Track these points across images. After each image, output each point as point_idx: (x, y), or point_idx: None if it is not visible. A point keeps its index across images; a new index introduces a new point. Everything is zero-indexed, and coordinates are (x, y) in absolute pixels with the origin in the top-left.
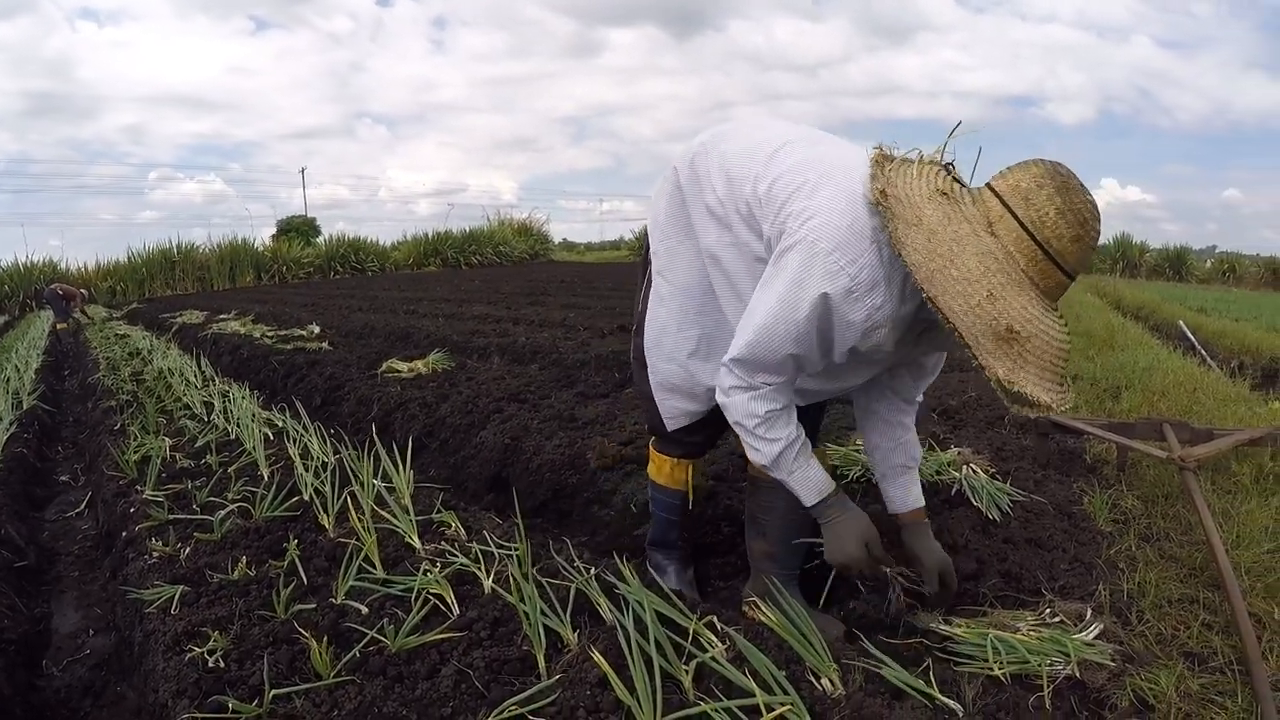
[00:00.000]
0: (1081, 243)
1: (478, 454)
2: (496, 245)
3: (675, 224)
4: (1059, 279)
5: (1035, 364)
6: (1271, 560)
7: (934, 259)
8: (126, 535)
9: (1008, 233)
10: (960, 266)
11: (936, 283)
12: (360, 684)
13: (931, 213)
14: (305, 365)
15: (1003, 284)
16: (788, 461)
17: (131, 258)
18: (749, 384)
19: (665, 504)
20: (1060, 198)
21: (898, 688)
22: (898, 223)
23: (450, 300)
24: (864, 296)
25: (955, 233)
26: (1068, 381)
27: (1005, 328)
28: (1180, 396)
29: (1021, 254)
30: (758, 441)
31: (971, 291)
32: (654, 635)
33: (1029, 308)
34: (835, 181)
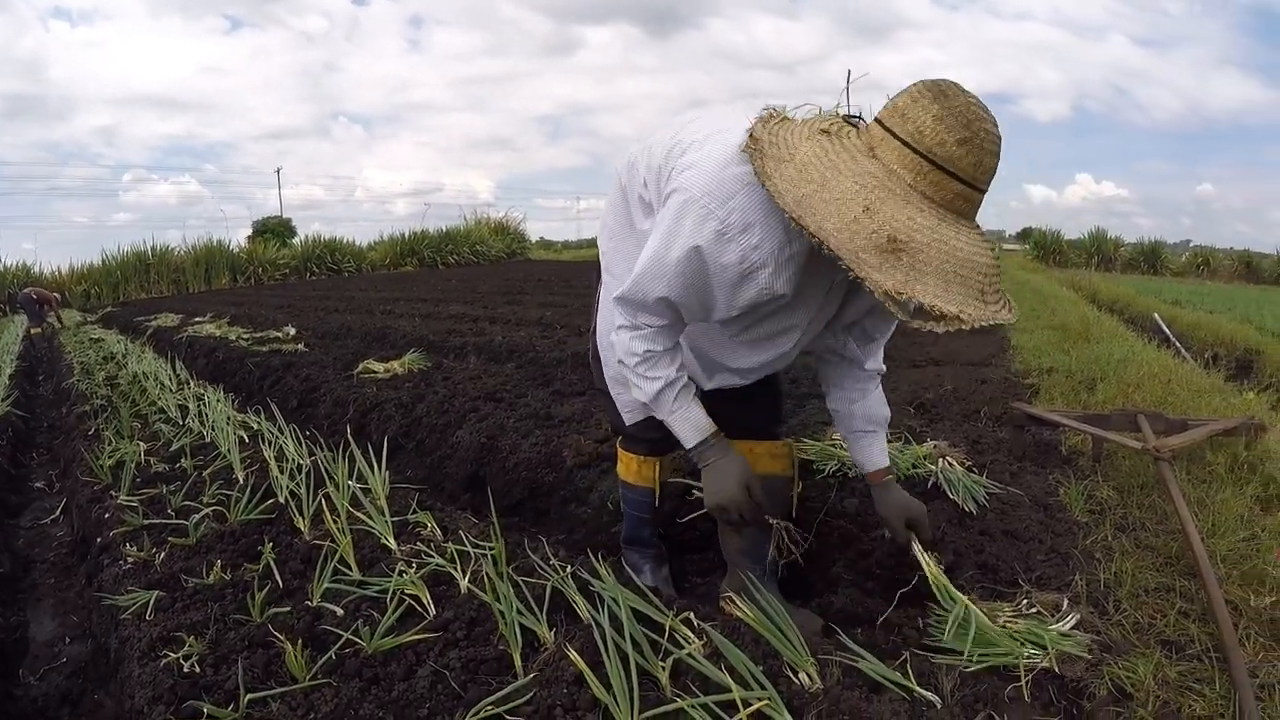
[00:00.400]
0: (970, 145)
1: (454, 454)
2: (473, 245)
3: (618, 223)
4: (957, 188)
5: (936, 274)
6: (1247, 548)
7: (804, 185)
8: (101, 541)
9: (889, 153)
10: (833, 189)
11: (805, 205)
12: (337, 686)
13: (807, 149)
14: (281, 367)
15: (882, 199)
16: (668, 401)
17: (106, 261)
18: (632, 323)
19: (635, 501)
20: (937, 105)
21: (876, 681)
22: (766, 160)
23: (427, 300)
24: (736, 238)
25: (831, 161)
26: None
27: (887, 239)
28: (1155, 388)
29: (906, 170)
30: (638, 379)
31: (845, 210)
32: (630, 632)
33: (917, 218)
34: (719, 138)
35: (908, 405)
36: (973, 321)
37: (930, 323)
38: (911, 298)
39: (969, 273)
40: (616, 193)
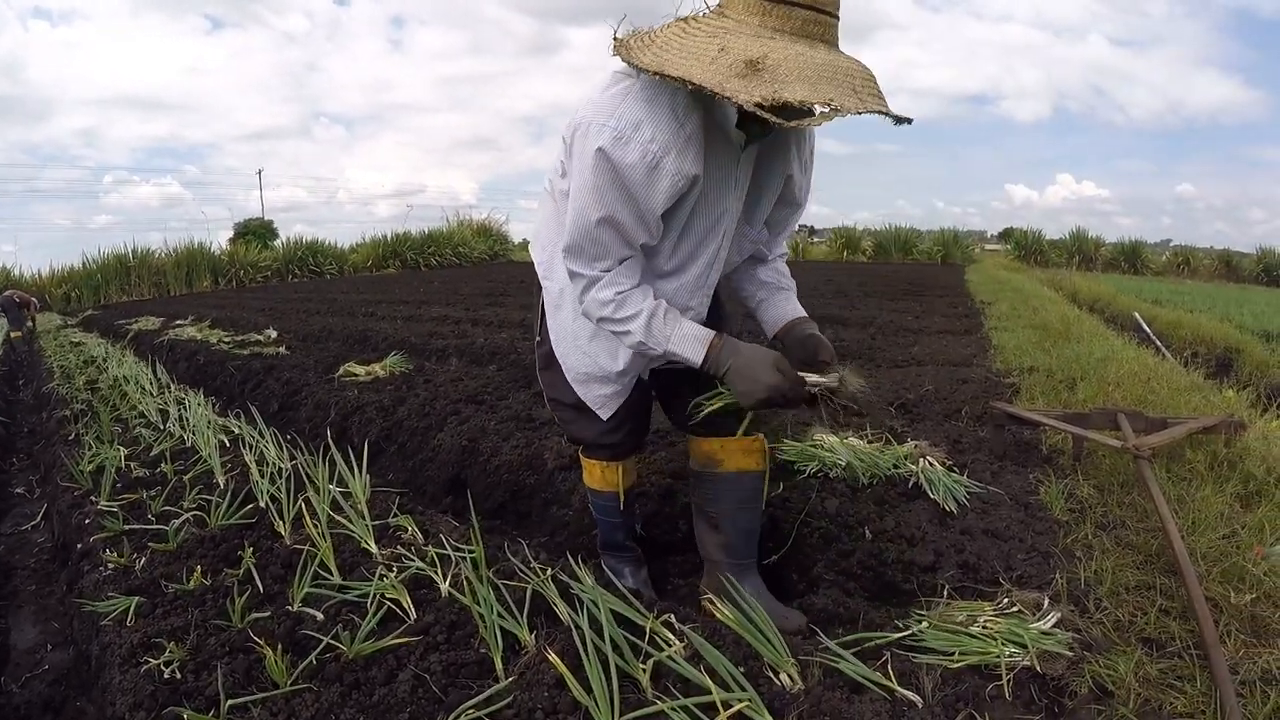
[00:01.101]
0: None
1: (435, 457)
2: (456, 246)
3: (551, 226)
4: (803, 15)
5: (800, 80)
6: (1226, 545)
7: (664, 51)
8: (82, 547)
9: (734, 8)
10: (687, 45)
11: (668, 63)
12: (317, 691)
13: (666, 33)
14: (262, 370)
15: (734, 40)
16: (659, 329)
17: (86, 263)
18: (590, 277)
19: (603, 507)
20: None
21: (857, 681)
22: (630, 50)
23: (409, 302)
24: (632, 136)
25: (687, 30)
26: (880, 98)
27: (744, 63)
28: (1135, 386)
29: (751, 14)
30: (622, 325)
31: (702, 55)
32: (610, 635)
33: (770, 44)
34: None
35: (889, 405)
36: (846, 110)
37: (806, 120)
38: (780, 98)
39: (836, 74)
40: (547, 200)
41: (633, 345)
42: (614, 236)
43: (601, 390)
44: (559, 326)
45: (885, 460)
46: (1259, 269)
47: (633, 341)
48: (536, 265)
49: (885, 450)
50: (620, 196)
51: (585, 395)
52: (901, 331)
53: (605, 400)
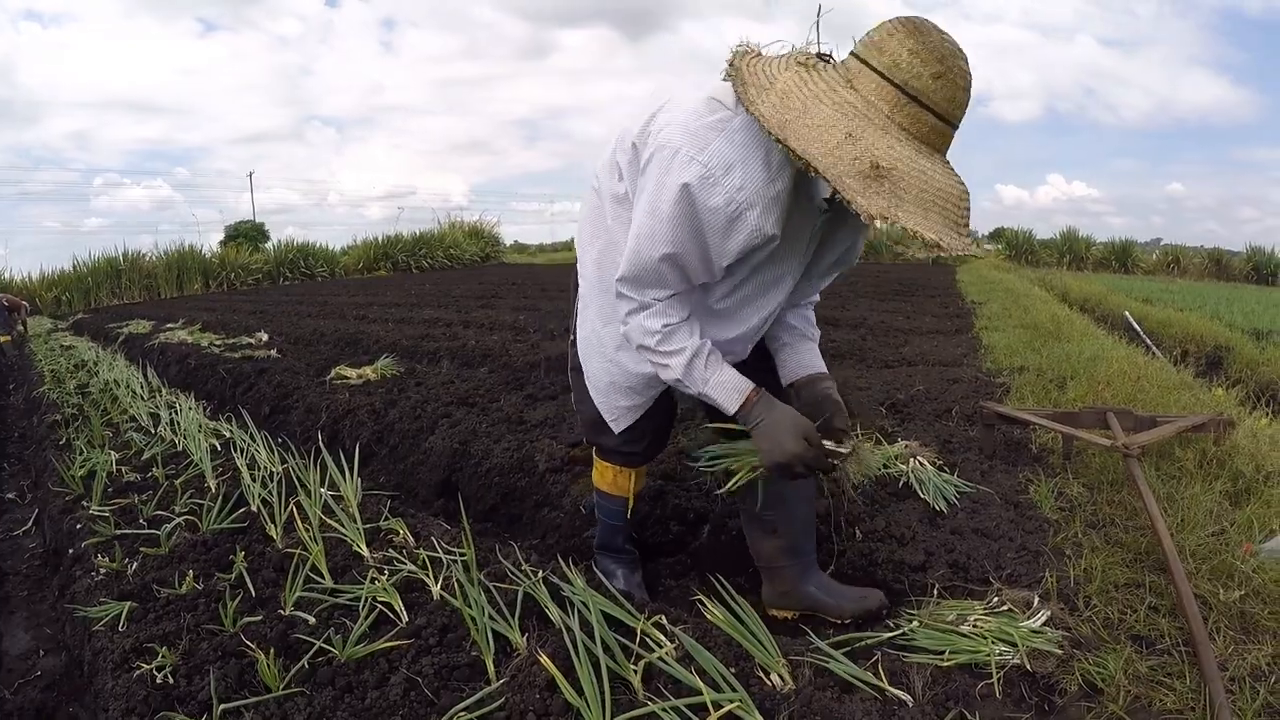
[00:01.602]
0: (944, 80)
1: (426, 459)
2: (447, 248)
3: (595, 225)
4: (931, 123)
5: (915, 201)
6: (1215, 543)
7: (786, 111)
8: (73, 552)
9: (866, 84)
10: (815, 116)
11: (790, 129)
12: (310, 695)
13: (786, 78)
14: (253, 374)
15: (863, 127)
16: (699, 370)
17: (77, 266)
18: (640, 302)
19: (609, 510)
20: (913, 40)
21: (847, 681)
22: (748, 88)
23: (400, 305)
24: (720, 180)
25: (811, 90)
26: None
27: (870, 165)
28: (1125, 385)
29: (883, 101)
30: (663, 358)
31: (828, 135)
32: (601, 636)
33: (896, 148)
34: (686, 96)
35: (880, 405)
36: (950, 250)
37: (912, 248)
38: (896, 221)
39: (945, 203)
40: (591, 197)
41: (668, 379)
42: (675, 272)
43: (621, 401)
44: (588, 331)
45: (875, 460)
46: (1249, 267)
47: (669, 376)
48: (579, 262)
49: (876, 450)
50: (692, 237)
51: (602, 405)
52: (892, 332)
53: (622, 412)
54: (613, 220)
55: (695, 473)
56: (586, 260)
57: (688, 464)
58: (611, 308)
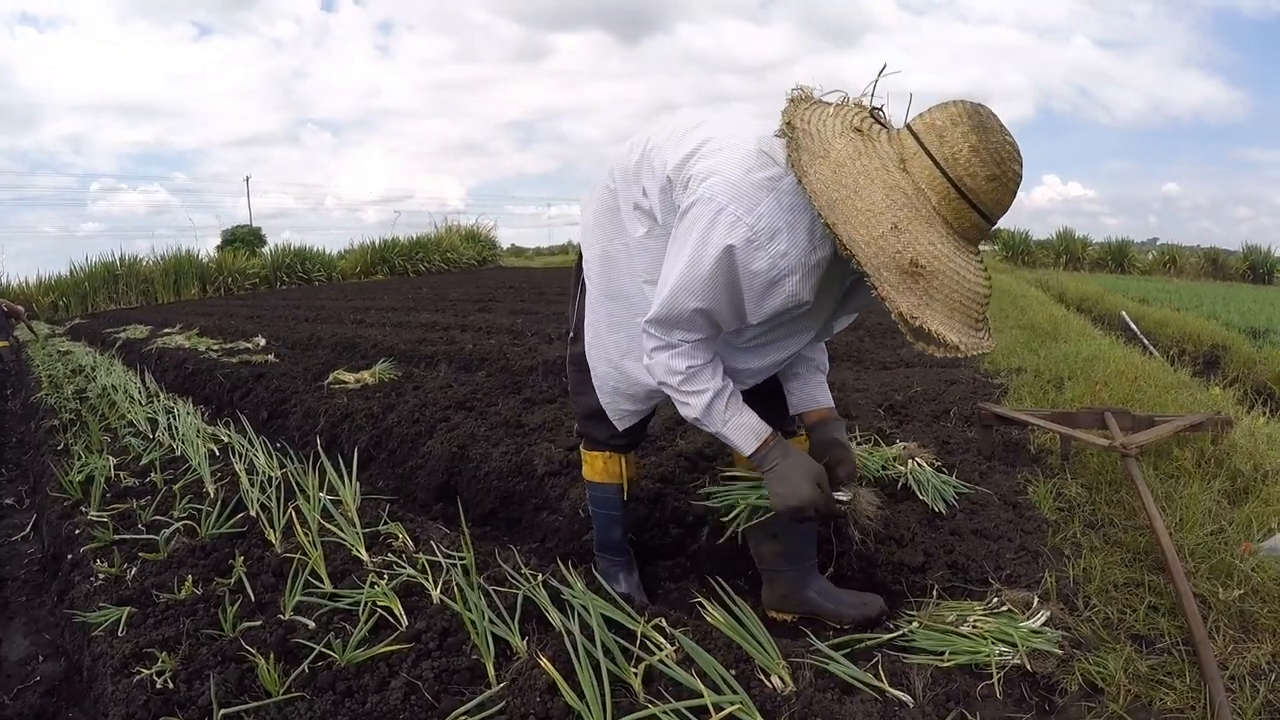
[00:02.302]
0: (998, 183)
1: (425, 463)
2: (444, 252)
3: (604, 228)
4: (974, 220)
5: (944, 302)
6: (1214, 542)
7: (837, 189)
8: (72, 558)
9: (920, 170)
10: (865, 198)
11: (838, 211)
12: (310, 700)
13: (842, 147)
14: (251, 378)
15: (910, 218)
16: (719, 411)
17: (74, 271)
18: (667, 342)
19: (603, 500)
20: (975, 135)
21: (848, 682)
22: (802, 153)
23: (398, 309)
24: (765, 245)
25: (864, 166)
26: (986, 326)
27: (910, 261)
28: (1122, 385)
29: (934, 191)
30: (684, 397)
31: (875, 223)
32: (601, 639)
33: (937, 244)
34: (734, 143)
35: (877, 407)
36: (966, 352)
37: (933, 347)
38: (922, 323)
39: (970, 303)
40: (604, 198)
41: (685, 416)
42: (705, 321)
43: (626, 405)
44: (594, 335)
45: (874, 461)
46: (1245, 266)
47: (688, 414)
48: (584, 263)
49: (874, 451)
50: (728, 294)
51: (607, 405)
52: (890, 333)
53: (627, 415)
54: (629, 224)
55: (694, 475)
56: (592, 259)
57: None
58: (618, 315)
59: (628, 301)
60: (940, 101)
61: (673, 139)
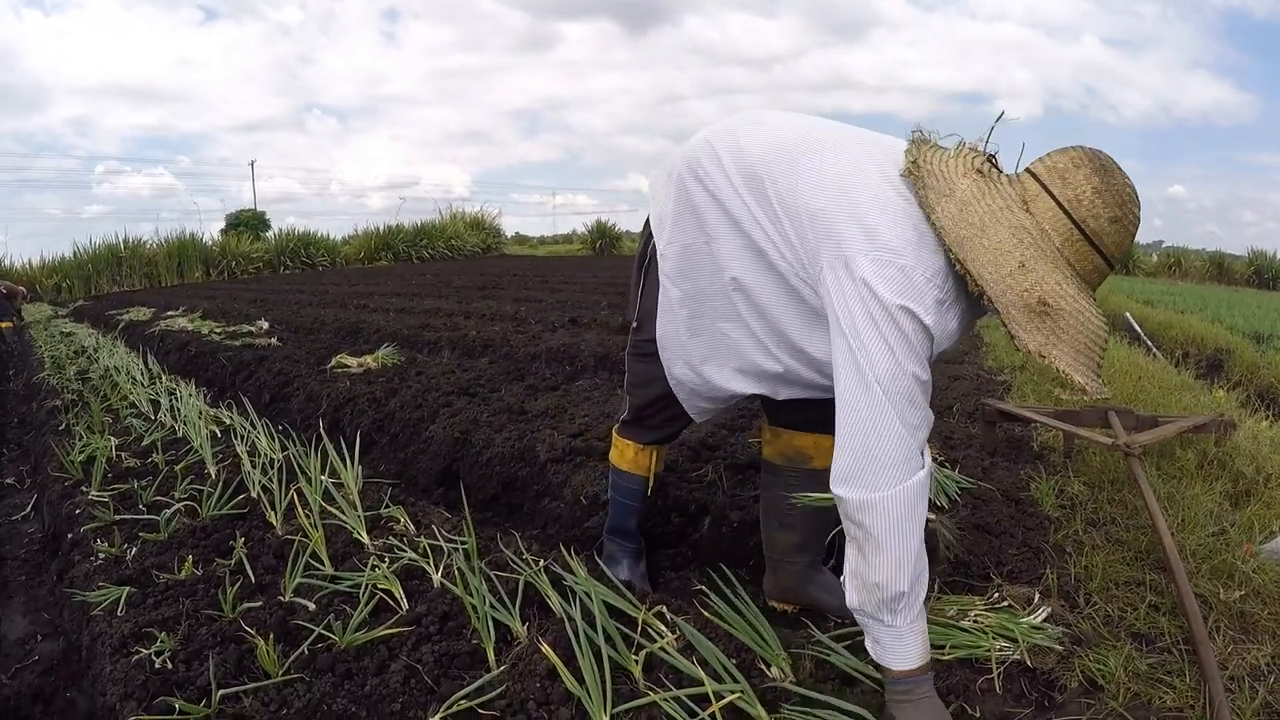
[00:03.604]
0: (1120, 224)
1: (427, 448)
2: (449, 239)
3: (685, 227)
4: (1096, 263)
5: (1070, 343)
6: (1216, 543)
7: (965, 226)
8: (72, 537)
9: (1044, 211)
10: (991, 236)
11: (966, 248)
12: (309, 682)
13: (966, 187)
14: (254, 362)
15: (1035, 257)
16: (920, 592)
17: (78, 253)
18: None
19: (625, 490)
20: (1098, 178)
21: (848, 674)
22: (929, 192)
23: (401, 294)
24: (953, 304)
25: (989, 206)
26: (1100, 371)
27: (1038, 300)
28: (1126, 385)
29: (1057, 233)
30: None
31: (1003, 261)
32: (602, 626)
33: (1064, 285)
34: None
35: None
36: (1092, 394)
37: (1065, 390)
38: (1050, 362)
39: (1093, 346)
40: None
41: (884, 584)
42: (924, 394)
43: (705, 405)
44: (671, 335)
45: None
46: (1250, 271)
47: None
48: (660, 257)
49: None
50: (935, 343)
51: (685, 401)
52: None
53: (704, 411)
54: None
55: (697, 465)
56: (670, 255)
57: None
58: (701, 319)
59: (711, 305)
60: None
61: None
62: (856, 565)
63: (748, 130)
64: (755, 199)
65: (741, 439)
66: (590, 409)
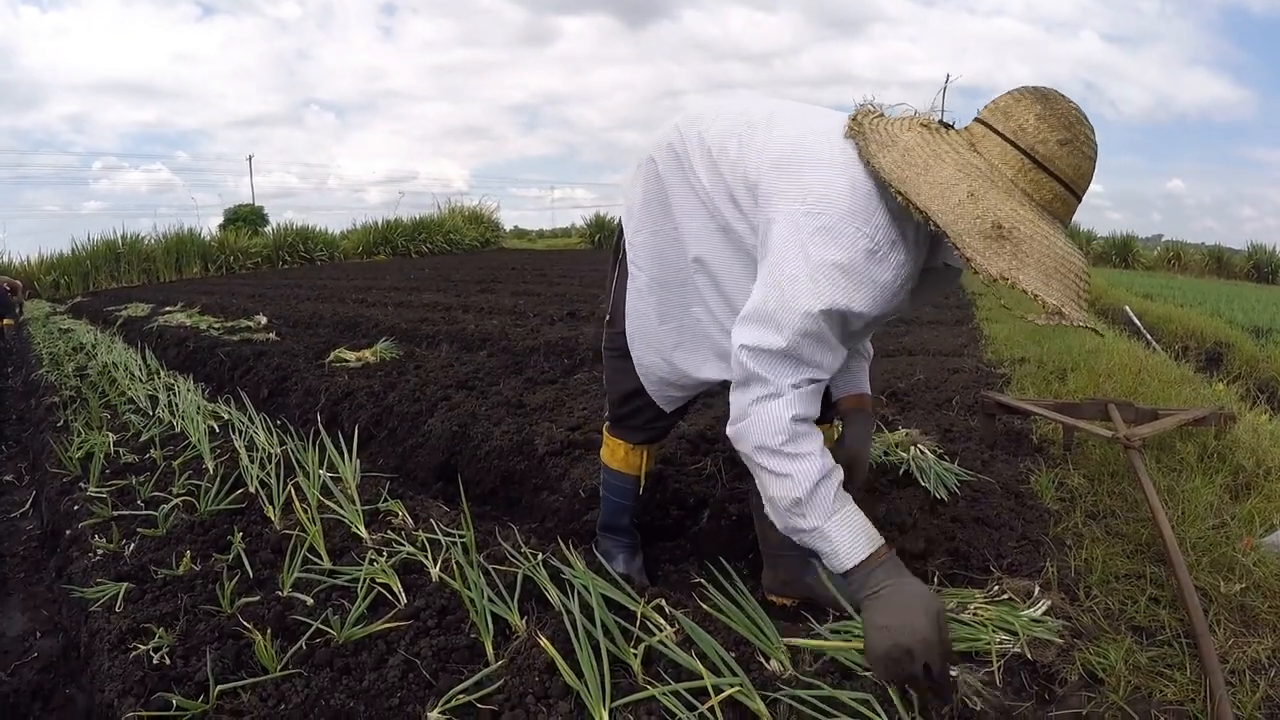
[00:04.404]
0: (1071, 146)
1: (426, 442)
2: (447, 233)
3: (653, 213)
4: (1056, 190)
5: (1036, 266)
6: (1216, 536)
7: (908, 168)
8: (70, 533)
9: (991, 148)
10: (936, 174)
11: (910, 184)
12: (307, 676)
13: (909, 139)
14: (252, 356)
15: (985, 188)
16: (826, 494)
17: (76, 250)
18: (774, 385)
19: (617, 488)
20: (1039, 105)
21: (848, 667)
22: (870, 144)
23: (400, 289)
24: (888, 254)
25: (934, 150)
26: (1084, 302)
27: (992, 224)
28: (1126, 378)
29: (1007, 165)
30: (783, 464)
31: (950, 193)
32: (601, 619)
33: (1019, 210)
34: (826, 152)
35: (880, 393)
36: (1072, 321)
37: (1045, 317)
38: (1017, 284)
39: (1066, 271)
40: (652, 179)
41: (776, 498)
42: (832, 336)
43: (674, 393)
44: (640, 324)
45: (876, 448)
46: (1249, 265)
47: (782, 493)
48: (628, 246)
49: (876, 437)
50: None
51: (653, 392)
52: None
53: (674, 400)
54: (680, 210)
55: (695, 457)
56: (639, 244)
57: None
58: (670, 305)
59: (679, 290)
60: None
61: (737, 133)
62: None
63: (710, 113)
64: (713, 176)
65: None
66: (589, 402)
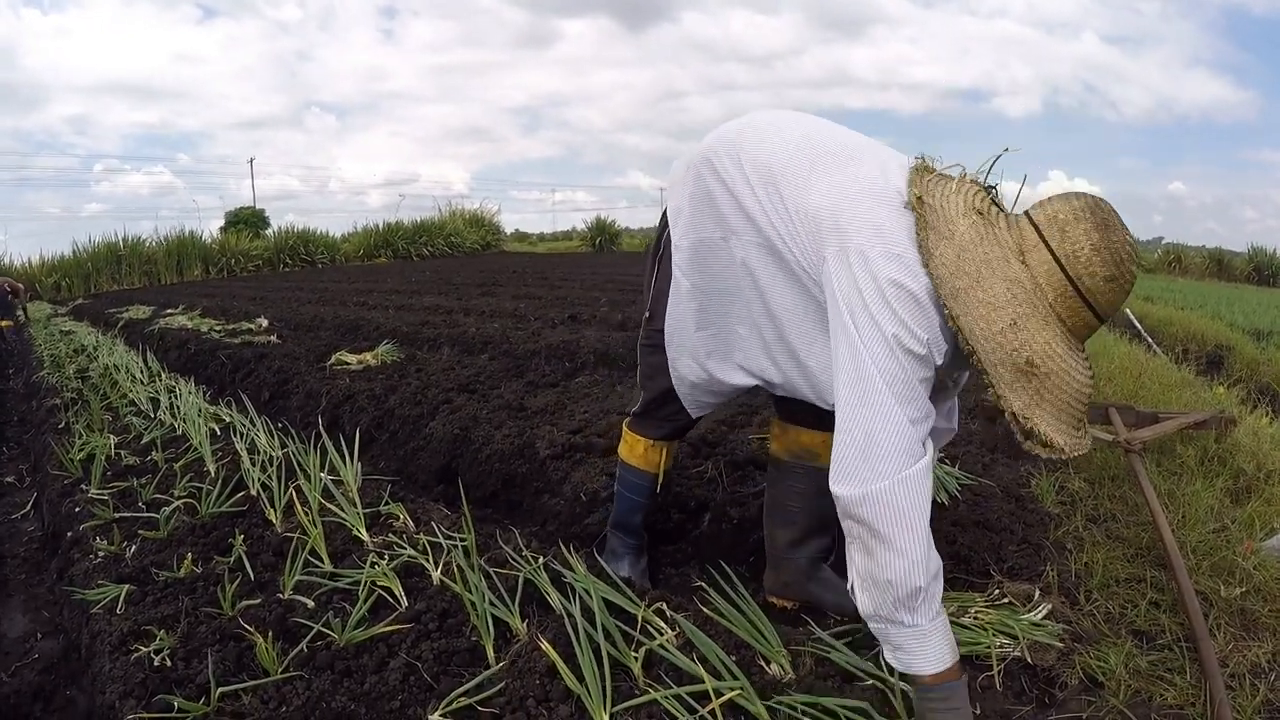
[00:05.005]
0: (1115, 284)
1: (427, 445)
2: (448, 236)
3: (704, 222)
4: (1087, 319)
5: (1052, 403)
6: (1216, 539)
7: (960, 276)
8: (72, 535)
9: (1039, 263)
10: (986, 289)
11: (960, 301)
12: (308, 679)
13: (965, 229)
14: (253, 359)
15: (1027, 314)
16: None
17: (77, 252)
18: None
19: (633, 485)
20: (1098, 234)
21: (848, 671)
22: (929, 232)
23: (401, 291)
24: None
25: (985, 254)
26: (1085, 426)
27: (1025, 360)
28: (1126, 381)
29: (1051, 287)
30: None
31: (995, 317)
32: (602, 623)
33: (1052, 344)
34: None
35: None
36: (1070, 453)
37: (1039, 447)
38: (1029, 422)
39: (1076, 404)
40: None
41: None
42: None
43: (705, 399)
44: (678, 327)
45: None
46: (1250, 268)
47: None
48: (674, 249)
49: None
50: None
51: (684, 395)
52: None
53: (703, 405)
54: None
55: (696, 461)
56: (684, 247)
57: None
58: (710, 312)
59: (722, 298)
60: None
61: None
62: (864, 566)
63: (767, 131)
64: (770, 198)
65: (742, 436)
66: (590, 405)
